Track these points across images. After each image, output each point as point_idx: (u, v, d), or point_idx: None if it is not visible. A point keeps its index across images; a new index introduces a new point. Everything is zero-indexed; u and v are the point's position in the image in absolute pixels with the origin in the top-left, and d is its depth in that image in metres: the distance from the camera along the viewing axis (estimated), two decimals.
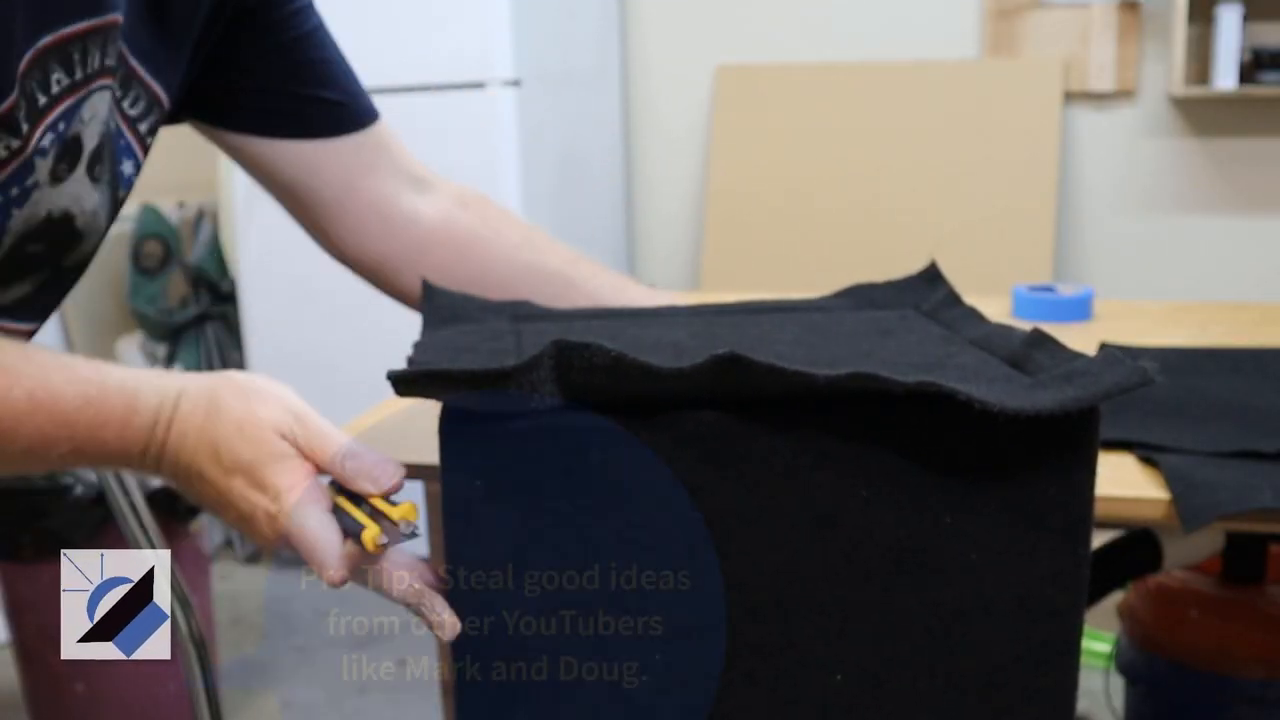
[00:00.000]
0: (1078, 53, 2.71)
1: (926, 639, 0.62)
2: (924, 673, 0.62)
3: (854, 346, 0.73)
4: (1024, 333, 0.70)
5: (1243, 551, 1.46)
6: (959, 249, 2.65)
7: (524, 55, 2.48)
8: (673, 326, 0.80)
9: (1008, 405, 0.57)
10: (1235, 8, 2.47)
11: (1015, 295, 1.32)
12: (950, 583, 0.61)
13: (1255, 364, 1.04)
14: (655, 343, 0.73)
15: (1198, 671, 1.44)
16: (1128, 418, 0.88)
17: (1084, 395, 0.58)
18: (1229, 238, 2.73)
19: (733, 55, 2.93)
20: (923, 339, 0.75)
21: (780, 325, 0.80)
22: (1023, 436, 0.59)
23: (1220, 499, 0.72)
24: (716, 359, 0.56)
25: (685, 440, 0.59)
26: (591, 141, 2.89)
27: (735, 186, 2.89)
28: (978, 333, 0.75)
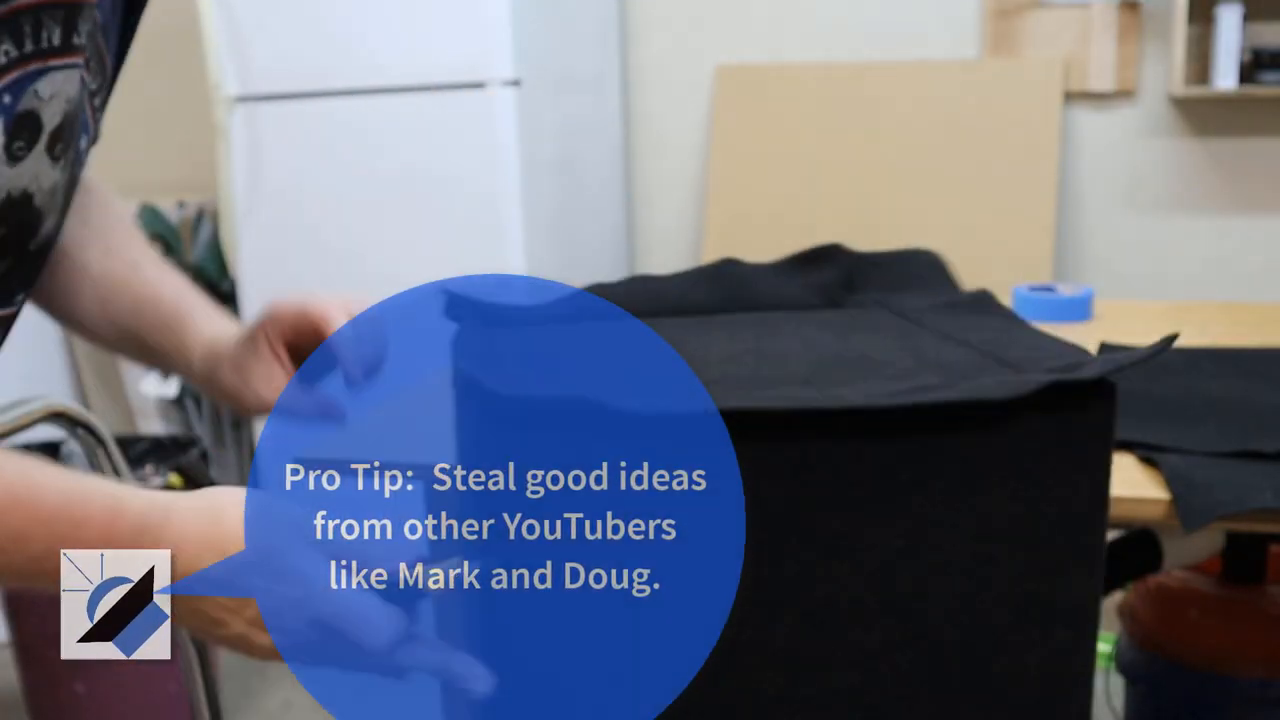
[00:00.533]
0: (1078, 53, 2.71)
1: (937, 633, 0.61)
2: (938, 666, 0.62)
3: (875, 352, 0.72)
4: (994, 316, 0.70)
5: (1243, 551, 1.46)
6: (959, 249, 2.65)
7: (524, 56, 2.48)
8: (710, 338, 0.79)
9: (1028, 386, 0.56)
10: (1235, 8, 2.47)
11: (1015, 295, 1.32)
12: (962, 575, 0.61)
13: (1255, 364, 1.04)
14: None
15: (1198, 671, 1.44)
16: (1128, 418, 0.88)
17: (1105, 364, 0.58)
18: (1229, 238, 2.72)
19: (733, 55, 2.93)
20: (894, 336, 0.76)
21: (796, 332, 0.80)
22: (1035, 431, 0.59)
23: (1220, 499, 0.72)
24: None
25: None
26: (592, 141, 2.89)
27: (735, 186, 2.89)
28: (949, 327, 0.76)
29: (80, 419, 1.11)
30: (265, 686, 2.33)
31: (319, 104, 2.56)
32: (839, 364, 0.69)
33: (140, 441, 2.22)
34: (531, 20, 2.51)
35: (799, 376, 0.66)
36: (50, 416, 1.08)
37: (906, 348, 0.73)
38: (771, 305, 0.89)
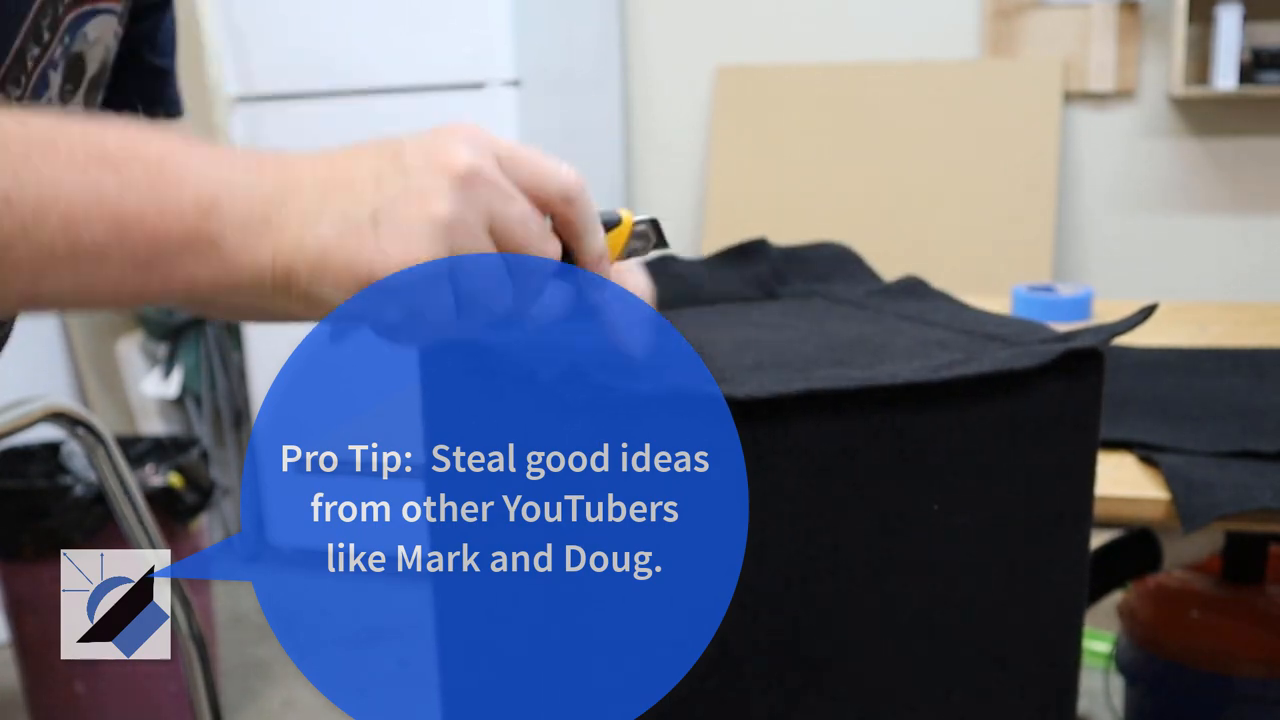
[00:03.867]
0: (1078, 53, 2.71)
1: (924, 632, 0.62)
2: (923, 663, 0.62)
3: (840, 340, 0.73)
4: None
5: (1243, 551, 1.46)
6: (959, 249, 2.65)
7: (524, 55, 2.48)
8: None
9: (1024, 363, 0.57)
10: (1235, 8, 2.47)
11: (1015, 295, 1.32)
12: (948, 574, 0.61)
13: (1255, 364, 1.04)
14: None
15: (1198, 671, 1.44)
16: (1128, 418, 0.88)
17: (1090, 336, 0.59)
18: (1229, 238, 2.73)
19: (733, 55, 2.93)
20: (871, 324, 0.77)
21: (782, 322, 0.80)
22: (1020, 425, 0.60)
23: (1220, 499, 0.72)
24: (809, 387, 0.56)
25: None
26: (591, 142, 2.89)
27: (735, 186, 2.89)
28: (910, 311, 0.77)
29: (80, 419, 1.11)
30: (266, 686, 2.33)
31: (319, 104, 2.56)
32: (847, 348, 0.70)
33: (140, 441, 2.22)
34: (531, 20, 2.51)
35: (828, 359, 0.66)
36: (50, 416, 1.08)
37: (886, 331, 0.74)
38: (713, 300, 0.90)
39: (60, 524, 1.93)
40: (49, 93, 0.63)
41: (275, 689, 2.32)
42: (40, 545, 1.93)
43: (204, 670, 1.27)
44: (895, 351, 0.68)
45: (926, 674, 0.63)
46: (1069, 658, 0.66)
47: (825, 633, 0.62)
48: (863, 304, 0.83)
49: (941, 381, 0.59)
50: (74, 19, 0.64)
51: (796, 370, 0.63)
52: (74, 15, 0.64)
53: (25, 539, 1.94)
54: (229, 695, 2.27)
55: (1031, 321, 0.71)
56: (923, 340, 0.70)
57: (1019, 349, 0.63)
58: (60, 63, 0.63)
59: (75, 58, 0.66)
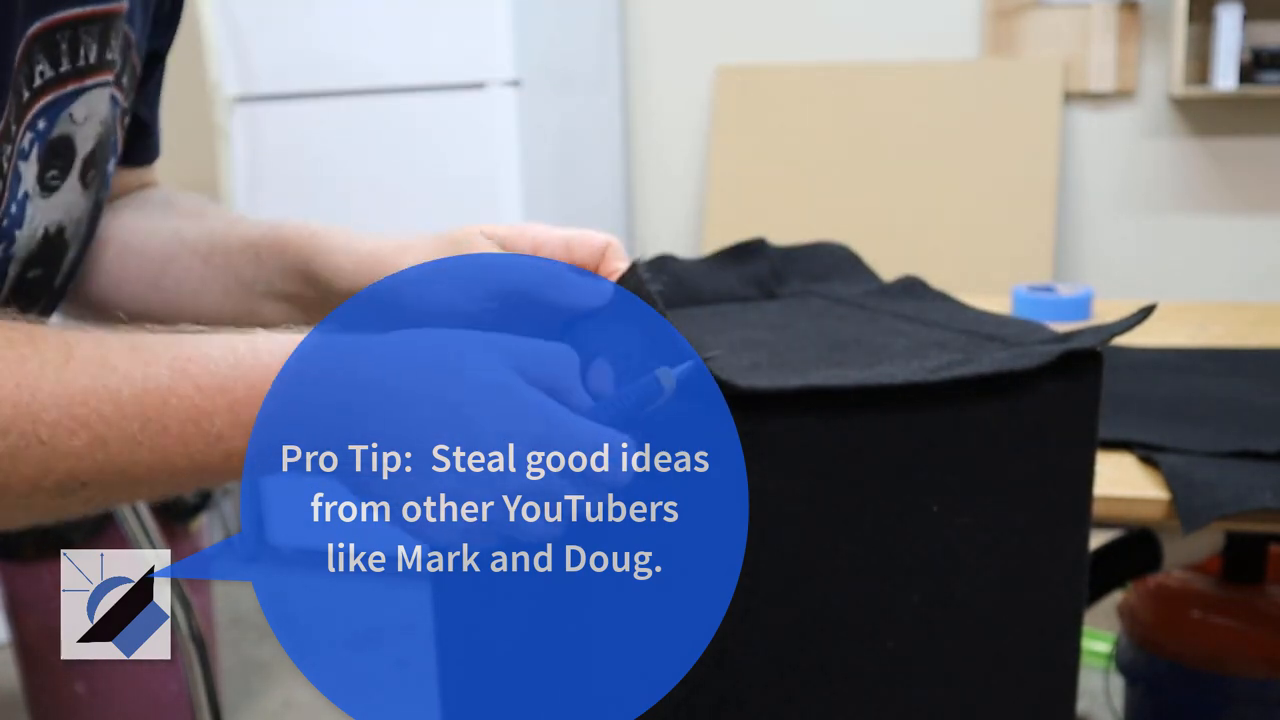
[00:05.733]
0: (1077, 53, 2.71)
1: (924, 632, 0.62)
2: (923, 662, 0.62)
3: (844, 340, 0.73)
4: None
5: (1243, 551, 1.46)
6: (959, 249, 2.65)
7: (524, 55, 2.48)
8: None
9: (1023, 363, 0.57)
10: (1235, 8, 2.47)
11: (1015, 295, 1.32)
12: (947, 574, 0.61)
13: (1255, 364, 1.04)
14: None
15: (1198, 671, 1.44)
16: (1128, 418, 0.88)
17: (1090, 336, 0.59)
18: (1229, 238, 2.73)
19: (733, 55, 2.93)
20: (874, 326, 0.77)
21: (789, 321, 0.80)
22: (1020, 425, 0.60)
23: (1220, 499, 0.73)
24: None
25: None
26: (592, 141, 2.90)
27: (735, 186, 2.89)
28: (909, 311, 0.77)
29: None
30: (265, 686, 2.33)
31: (319, 104, 2.56)
32: (845, 348, 0.70)
33: None
34: (531, 20, 2.51)
35: (827, 360, 0.66)
36: None
37: (885, 331, 0.74)
38: (712, 300, 0.90)
39: (60, 524, 1.92)
40: (23, 186, 0.62)
41: (275, 689, 2.32)
42: (40, 545, 1.93)
43: (204, 670, 1.27)
44: (894, 352, 0.68)
45: (926, 674, 0.63)
46: (1069, 658, 0.66)
47: (825, 633, 0.62)
48: (861, 304, 0.83)
49: (941, 382, 0.59)
50: (47, 104, 0.62)
51: (795, 370, 0.63)
52: (46, 101, 0.62)
53: (25, 539, 1.93)
54: (229, 695, 2.27)
55: (1031, 322, 0.71)
56: (922, 340, 0.70)
57: (1018, 349, 0.63)
58: (31, 151, 0.62)
59: (58, 141, 0.64)
